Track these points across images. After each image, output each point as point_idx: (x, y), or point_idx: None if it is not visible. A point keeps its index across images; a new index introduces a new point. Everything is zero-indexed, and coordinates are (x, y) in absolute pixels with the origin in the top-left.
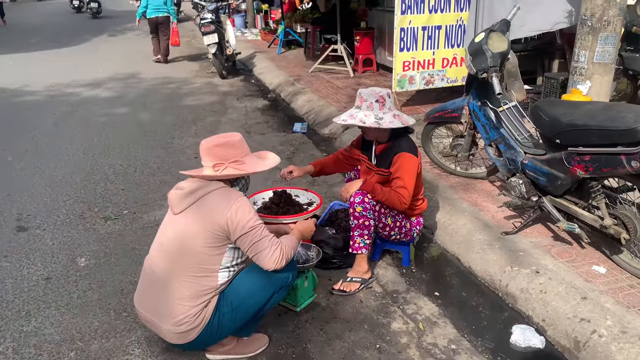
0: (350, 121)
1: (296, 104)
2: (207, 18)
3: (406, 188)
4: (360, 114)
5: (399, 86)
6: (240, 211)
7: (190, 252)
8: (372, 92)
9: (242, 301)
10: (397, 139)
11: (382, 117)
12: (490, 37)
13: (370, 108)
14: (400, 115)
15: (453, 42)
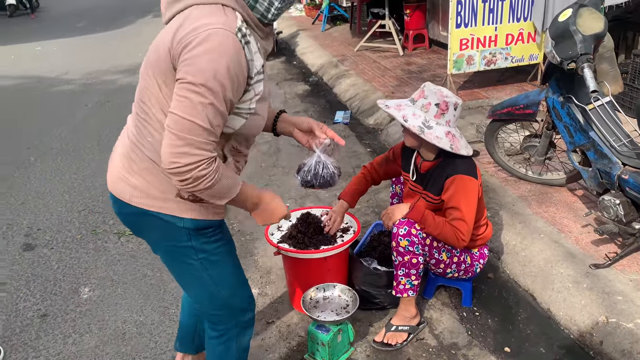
0: (393, 112)
1: (339, 88)
2: None
3: (465, 221)
4: (408, 110)
5: (455, 68)
6: (200, 48)
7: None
8: (438, 92)
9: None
10: (449, 155)
11: (431, 125)
12: (579, 14)
13: (425, 109)
14: (457, 138)
15: (519, 16)
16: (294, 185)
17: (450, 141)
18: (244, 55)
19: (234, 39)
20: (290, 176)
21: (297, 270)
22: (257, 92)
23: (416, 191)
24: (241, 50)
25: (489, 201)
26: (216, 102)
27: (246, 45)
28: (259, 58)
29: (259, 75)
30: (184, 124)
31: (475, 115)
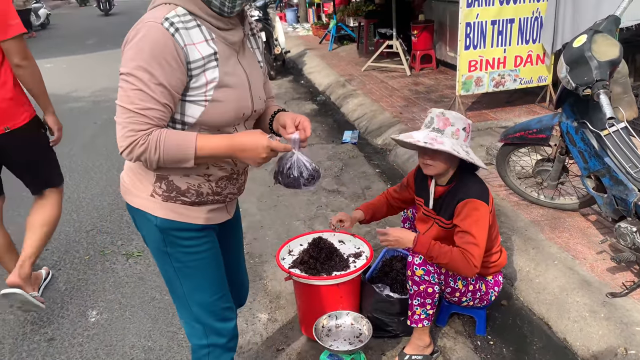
0: (439, 146)
1: (347, 108)
2: (254, 15)
3: (477, 245)
4: (447, 142)
5: (463, 89)
6: (131, 42)
7: None
8: (460, 117)
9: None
10: (462, 180)
11: (468, 150)
12: (594, 40)
13: (455, 136)
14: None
15: (528, 38)
16: (303, 206)
17: (480, 161)
18: (173, 42)
19: (160, 28)
20: (299, 197)
21: (308, 297)
22: (210, 79)
23: (429, 216)
24: (169, 38)
25: (501, 225)
26: (145, 88)
27: (177, 32)
28: (207, 46)
29: (210, 63)
30: (119, 110)
31: (484, 137)
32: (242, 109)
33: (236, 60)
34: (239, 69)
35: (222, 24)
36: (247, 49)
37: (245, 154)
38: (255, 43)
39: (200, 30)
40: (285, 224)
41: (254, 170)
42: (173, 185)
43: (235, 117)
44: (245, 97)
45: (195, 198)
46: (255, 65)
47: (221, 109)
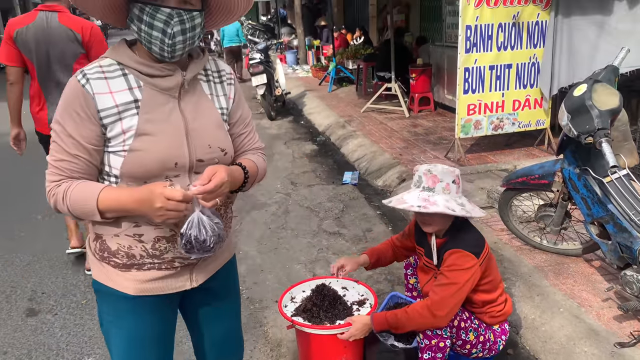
0: (433, 208)
1: (347, 148)
2: (256, 58)
3: (450, 289)
4: (439, 200)
5: (462, 132)
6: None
7: None
8: (448, 171)
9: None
10: (456, 231)
11: (462, 202)
12: (594, 89)
13: (447, 190)
14: (471, 202)
15: (525, 82)
16: (304, 249)
17: (473, 207)
18: (82, 92)
19: (73, 81)
20: (299, 239)
21: (311, 346)
22: (126, 128)
23: (430, 267)
24: (79, 90)
25: (504, 271)
26: (58, 140)
27: (87, 83)
28: (127, 94)
29: (128, 111)
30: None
31: (484, 180)
32: (172, 158)
33: (173, 107)
34: (175, 116)
35: (154, 70)
36: (199, 95)
37: (142, 206)
38: (222, 90)
39: (126, 78)
40: (286, 268)
41: (253, 212)
42: (105, 244)
43: (161, 168)
44: (177, 146)
45: (127, 261)
46: (207, 112)
47: (141, 158)
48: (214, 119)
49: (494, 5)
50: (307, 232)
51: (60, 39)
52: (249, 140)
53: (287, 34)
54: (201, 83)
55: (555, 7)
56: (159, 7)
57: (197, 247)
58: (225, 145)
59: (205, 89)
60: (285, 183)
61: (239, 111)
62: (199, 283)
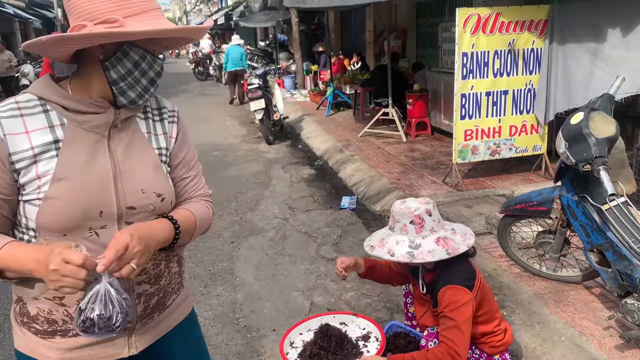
0: (379, 252)
1: (344, 173)
2: (254, 84)
3: (460, 330)
4: (391, 241)
5: (460, 157)
6: None
7: None
8: (406, 210)
9: None
10: (446, 264)
11: (419, 243)
12: (591, 117)
13: (404, 231)
14: (450, 237)
15: (522, 108)
16: (302, 275)
17: (443, 246)
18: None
19: None
20: (298, 265)
21: None
22: (42, 173)
23: (425, 300)
24: None
25: (504, 298)
26: None
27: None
28: (47, 133)
29: (47, 153)
30: None
31: (482, 205)
32: (96, 205)
33: (101, 147)
34: (102, 157)
35: (82, 106)
36: (133, 134)
37: (39, 267)
38: (162, 128)
39: (47, 115)
40: (284, 295)
41: (251, 238)
42: (25, 308)
43: (82, 218)
44: (102, 191)
45: (48, 327)
46: (142, 153)
47: (58, 207)
48: (150, 160)
49: (490, 32)
50: (305, 258)
51: None
52: (193, 185)
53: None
54: (137, 120)
55: (550, 34)
56: (155, 58)
57: (100, 325)
58: (162, 190)
59: (141, 127)
60: (283, 208)
61: (182, 152)
62: (141, 349)
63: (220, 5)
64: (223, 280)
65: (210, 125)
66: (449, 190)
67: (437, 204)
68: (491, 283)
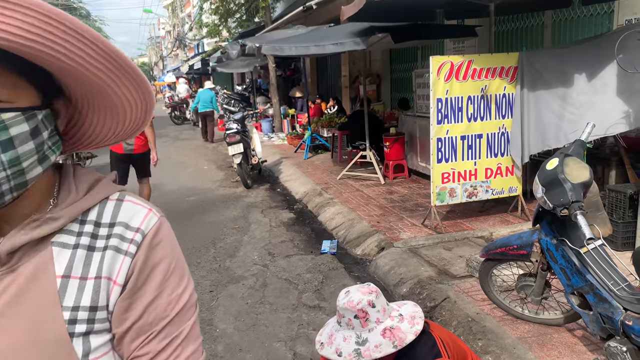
0: (327, 352)
1: (324, 216)
2: (233, 128)
3: None
4: (339, 337)
5: (438, 199)
6: None
7: None
8: (349, 305)
9: None
10: (404, 352)
11: (365, 338)
12: (566, 163)
13: (350, 326)
14: (397, 326)
15: (496, 151)
16: (284, 324)
17: (390, 339)
18: None
19: None
20: (279, 314)
21: None
22: None
23: None
24: None
25: (488, 343)
26: None
27: None
28: None
29: None
30: None
31: (462, 247)
32: None
33: None
34: None
35: None
36: (35, 280)
37: None
38: (101, 265)
39: None
40: (266, 346)
41: (230, 286)
42: None
43: None
44: None
45: None
46: (39, 319)
47: None
48: (46, 335)
49: (463, 79)
50: (286, 306)
51: None
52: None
53: (263, 103)
54: (55, 249)
55: (520, 81)
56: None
57: None
58: None
59: (58, 263)
60: (263, 254)
61: (134, 309)
62: None
63: (197, 50)
64: (202, 332)
65: (188, 169)
66: (428, 232)
67: (418, 247)
68: (475, 327)
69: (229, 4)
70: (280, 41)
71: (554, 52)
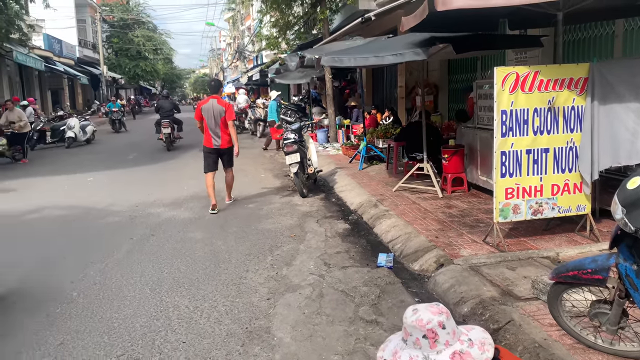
0: None
1: (380, 228)
2: (290, 138)
3: None
4: (404, 355)
5: (501, 216)
6: None
7: None
8: (418, 324)
9: None
10: None
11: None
12: None
13: (417, 346)
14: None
15: (564, 167)
16: (341, 337)
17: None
18: None
19: None
20: (336, 326)
21: None
22: None
23: None
24: None
25: None
26: None
27: None
28: None
29: None
30: None
31: (526, 268)
32: None
33: None
34: None
35: None
36: None
37: None
38: None
39: None
40: (323, 359)
41: (287, 295)
42: None
43: None
44: None
45: None
46: None
47: None
48: None
49: (529, 90)
50: (343, 319)
51: (217, 110)
52: None
53: (318, 114)
54: None
55: (590, 93)
56: None
57: None
58: None
59: None
60: (319, 263)
61: None
62: None
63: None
64: (260, 340)
65: (247, 177)
66: (490, 250)
67: (479, 265)
68: (542, 354)
69: (288, 17)
70: (339, 52)
71: (627, 63)
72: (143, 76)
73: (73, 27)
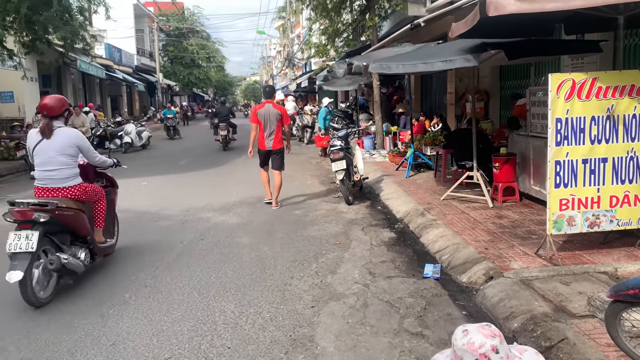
0: None
1: (426, 238)
2: (337, 145)
3: None
4: None
5: (555, 228)
6: None
7: None
8: (469, 347)
9: None
10: None
11: None
12: None
13: None
14: None
15: (624, 178)
16: (385, 349)
17: None
18: None
19: None
20: (380, 337)
21: None
22: None
23: None
24: None
25: None
26: None
27: None
28: None
29: None
30: None
31: (582, 283)
32: None
33: None
34: None
35: None
36: None
37: None
38: None
39: None
40: None
41: (331, 303)
42: None
43: None
44: None
45: None
46: None
47: None
48: None
49: (586, 98)
50: (387, 330)
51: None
52: None
53: (365, 120)
54: None
55: None
56: None
57: None
58: None
59: None
60: (364, 272)
61: None
62: None
63: (305, 69)
64: (304, 348)
65: (294, 182)
66: (543, 263)
67: (531, 279)
68: None
69: (337, 24)
70: (387, 59)
71: None
72: (196, 83)
73: (132, 37)
